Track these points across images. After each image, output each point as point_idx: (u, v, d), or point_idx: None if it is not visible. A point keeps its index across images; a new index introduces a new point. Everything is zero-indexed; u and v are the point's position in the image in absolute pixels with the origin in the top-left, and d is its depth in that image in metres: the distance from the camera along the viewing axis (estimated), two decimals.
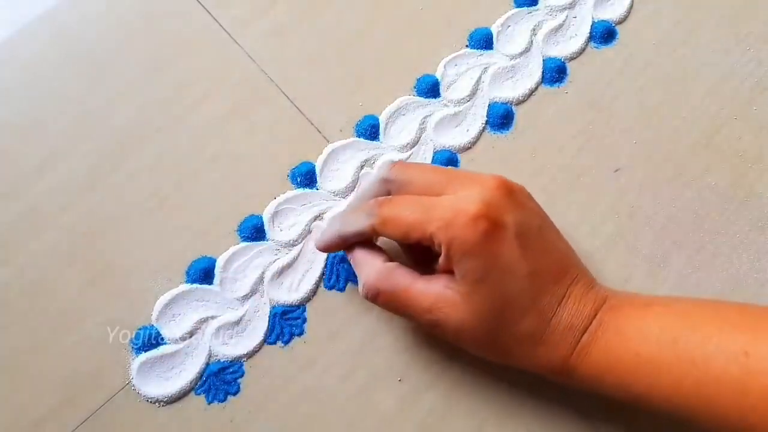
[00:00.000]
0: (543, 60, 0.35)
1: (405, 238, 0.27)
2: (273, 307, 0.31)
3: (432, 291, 0.27)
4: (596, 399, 0.27)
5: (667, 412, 0.25)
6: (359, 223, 0.28)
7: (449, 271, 0.26)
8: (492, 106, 0.34)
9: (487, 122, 0.34)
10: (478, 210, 0.25)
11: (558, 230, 0.29)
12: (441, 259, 0.26)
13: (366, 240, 0.29)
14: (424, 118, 0.34)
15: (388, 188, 0.29)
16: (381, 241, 0.30)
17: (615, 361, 0.26)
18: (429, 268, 0.28)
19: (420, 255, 0.29)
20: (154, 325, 0.30)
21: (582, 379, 0.26)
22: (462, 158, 0.34)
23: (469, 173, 0.28)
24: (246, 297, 0.31)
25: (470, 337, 0.27)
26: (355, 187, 0.33)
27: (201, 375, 0.30)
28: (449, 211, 0.26)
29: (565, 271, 0.27)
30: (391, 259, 0.29)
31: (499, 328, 0.26)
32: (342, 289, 0.32)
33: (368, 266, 0.28)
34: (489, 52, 0.35)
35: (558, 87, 0.35)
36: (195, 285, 0.31)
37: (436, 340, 0.31)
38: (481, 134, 0.34)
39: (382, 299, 0.28)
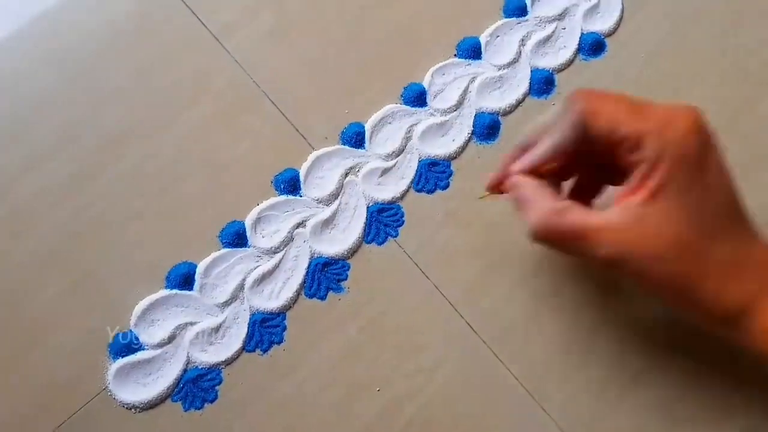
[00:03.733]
0: (531, 71, 0.35)
1: (609, 135, 0.25)
2: (253, 314, 0.31)
3: (613, 224, 0.25)
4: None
5: None
6: (566, 119, 0.25)
7: (640, 189, 0.25)
8: (478, 116, 0.34)
9: (473, 132, 0.34)
10: (695, 122, 0.24)
11: None
12: (637, 173, 0.24)
13: (534, 175, 0.27)
14: (411, 126, 0.34)
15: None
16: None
17: None
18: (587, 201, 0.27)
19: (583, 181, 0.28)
20: (133, 330, 0.30)
21: (762, 331, 0.25)
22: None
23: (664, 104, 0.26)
24: (226, 303, 0.31)
25: (657, 268, 0.25)
26: (338, 195, 0.33)
27: (178, 381, 0.30)
28: (665, 115, 0.24)
29: (744, 211, 0.26)
30: (559, 193, 0.27)
31: (692, 255, 0.24)
32: (323, 298, 0.31)
33: (538, 205, 0.26)
34: (477, 61, 0.35)
35: (545, 98, 0.35)
36: (175, 290, 0.31)
37: (416, 353, 0.31)
38: (467, 144, 0.34)
39: (553, 239, 0.26)
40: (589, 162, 0.28)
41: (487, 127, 0.34)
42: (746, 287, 0.25)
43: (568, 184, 0.29)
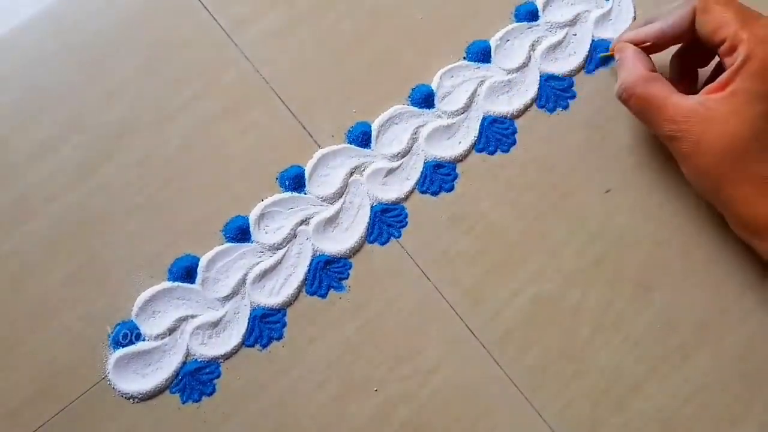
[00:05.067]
0: (540, 76, 0.35)
1: (711, 35, 0.28)
2: (253, 310, 0.31)
3: (685, 105, 0.28)
4: None
5: None
6: (679, 10, 0.30)
7: (723, 88, 0.28)
8: (486, 120, 0.34)
9: (479, 135, 0.34)
10: None
11: None
12: (726, 72, 0.28)
13: (641, 46, 0.31)
14: (417, 128, 0.34)
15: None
16: None
17: None
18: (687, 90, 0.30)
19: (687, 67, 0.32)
20: (134, 320, 0.30)
21: None
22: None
23: None
24: (227, 298, 0.31)
25: (703, 158, 0.28)
26: (343, 194, 0.33)
27: (177, 374, 0.30)
28: (766, 32, 0.27)
29: None
30: (655, 71, 0.30)
31: (736, 157, 0.27)
32: (324, 296, 0.32)
33: (632, 69, 0.30)
34: (486, 65, 0.35)
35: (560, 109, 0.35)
36: (177, 283, 0.31)
37: (419, 352, 0.31)
38: (473, 147, 0.34)
39: (634, 101, 0.30)
40: (695, 51, 0.32)
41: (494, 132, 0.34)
42: None
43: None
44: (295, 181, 0.33)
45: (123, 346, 0.30)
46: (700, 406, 0.31)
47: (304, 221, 0.32)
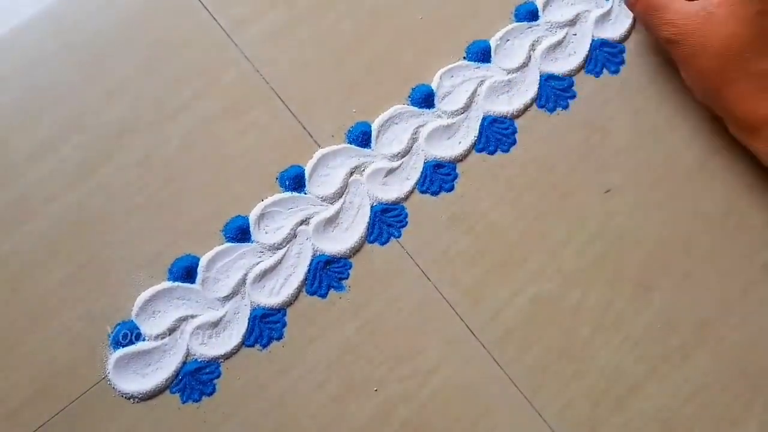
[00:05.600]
0: (540, 76, 0.35)
1: None
2: (253, 310, 0.31)
3: (689, 8, 0.29)
4: None
5: None
6: None
7: None
8: (486, 119, 0.34)
9: (479, 135, 0.34)
10: None
11: None
12: None
13: None
14: (417, 128, 0.34)
15: None
16: None
17: None
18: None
19: None
20: (134, 320, 0.30)
21: None
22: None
23: None
24: (227, 298, 0.31)
25: (702, 59, 0.29)
26: (343, 194, 0.33)
27: (177, 373, 0.30)
28: None
29: None
30: None
31: (734, 57, 0.28)
32: (324, 296, 0.32)
33: None
34: (486, 65, 0.35)
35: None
36: (177, 283, 0.31)
37: (420, 351, 0.31)
38: (473, 147, 0.34)
39: (639, 6, 0.32)
40: None
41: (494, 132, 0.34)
42: None
43: None
44: (295, 181, 0.33)
45: (123, 346, 0.30)
46: (700, 406, 0.31)
47: (304, 221, 0.32)
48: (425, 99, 0.34)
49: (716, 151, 0.34)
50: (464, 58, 0.35)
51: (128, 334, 0.30)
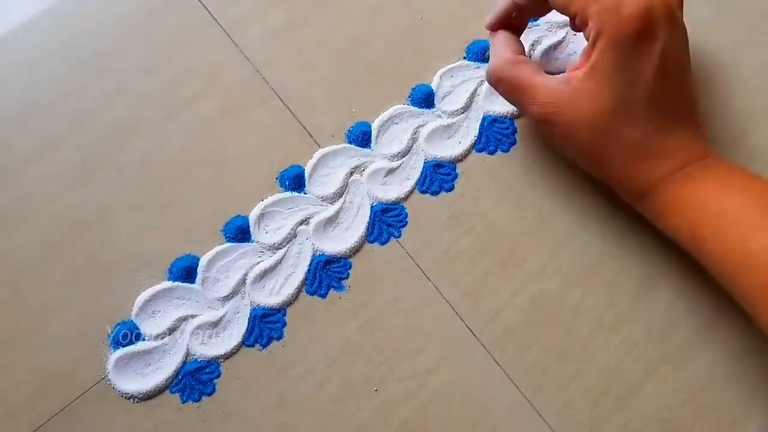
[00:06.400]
0: None
1: (564, 8, 0.28)
2: (253, 309, 0.31)
3: (551, 86, 0.28)
4: None
5: (720, 273, 0.27)
6: None
7: (584, 64, 0.28)
8: (486, 119, 0.34)
9: (479, 135, 0.34)
10: (640, 11, 0.26)
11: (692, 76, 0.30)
12: (585, 47, 0.28)
13: (511, 28, 0.32)
14: (417, 127, 0.34)
15: None
16: None
17: (699, 202, 0.27)
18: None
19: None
20: (134, 320, 0.30)
21: (662, 206, 0.28)
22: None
23: None
24: (227, 298, 0.31)
25: (576, 136, 0.28)
26: (343, 194, 0.33)
27: (177, 373, 0.30)
28: (617, 1, 0.27)
29: (686, 112, 0.29)
30: (523, 53, 0.31)
31: (606, 131, 0.28)
32: (324, 296, 0.32)
33: (498, 53, 0.31)
34: (487, 64, 0.35)
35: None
36: (177, 283, 0.31)
37: (419, 351, 0.31)
38: (473, 147, 0.34)
39: (502, 86, 0.30)
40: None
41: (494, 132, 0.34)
42: (651, 170, 0.28)
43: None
44: (295, 181, 0.33)
45: (123, 346, 0.30)
46: (700, 406, 0.31)
47: (304, 221, 0.32)
48: (425, 99, 0.34)
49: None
50: (464, 58, 0.35)
51: (128, 334, 0.30)
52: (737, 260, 0.26)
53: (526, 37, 0.36)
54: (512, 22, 0.32)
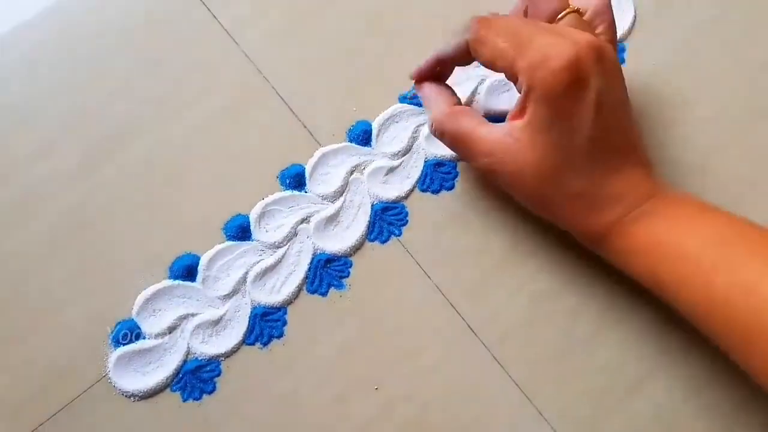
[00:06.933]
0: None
1: (491, 65, 0.28)
2: (254, 308, 0.31)
3: (493, 137, 0.28)
4: None
5: (687, 314, 0.26)
6: (455, 39, 0.29)
7: (521, 116, 0.27)
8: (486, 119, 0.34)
9: None
10: (568, 62, 0.26)
11: (632, 111, 0.29)
12: (519, 98, 0.27)
13: (438, 79, 0.31)
14: (418, 126, 0.34)
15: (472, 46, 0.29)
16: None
17: (655, 245, 0.27)
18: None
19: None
20: (134, 319, 0.30)
21: (618, 251, 0.28)
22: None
23: (563, 27, 0.28)
24: (228, 296, 0.31)
25: (521, 186, 0.28)
26: (343, 193, 0.33)
27: (178, 372, 0.30)
28: (540, 53, 0.26)
29: (630, 151, 0.28)
30: (460, 102, 0.31)
31: (550, 182, 0.27)
32: (324, 294, 0.32)
33: (438, 104, 0.30)
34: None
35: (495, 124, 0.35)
36: (177, 281, 0.31)
37: (415, 354, 0.31)
38: None
39: (447, 138, 0.30)
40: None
41: None
42: (601, 217, 0.28)
43: None
44: (296, 180, 0.33)
45: (123, 345, 0.30)
46: (700, 406, 0.31)
47: (305, 220, 0.32)
48: None
49: (717, 151, 0.34)
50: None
51: (129, 333, 0.30)
52: (703, 302, 0.25)
53: (468, 75, 0.35)
54: (439, 72, 0.32)
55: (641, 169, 0.28)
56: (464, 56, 0.30)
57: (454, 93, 0.31)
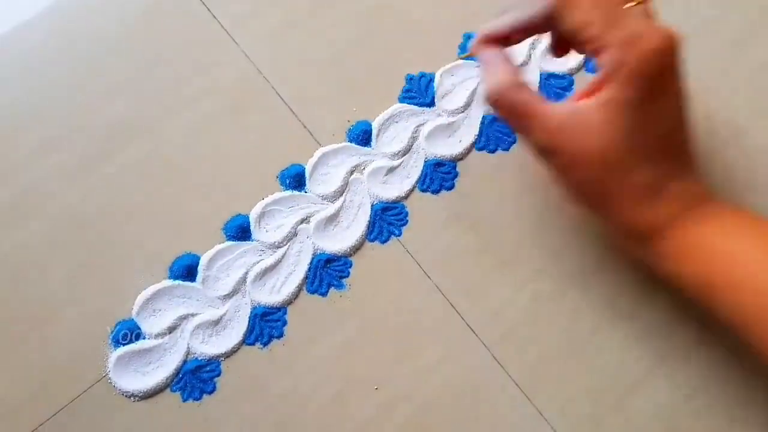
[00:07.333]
0: (540, 75, 0.35)
1: (577, 32, 0.25)
2: (254, 308, 0.31)
3: (560, 114, 0.25)
4: None
5: (734, 320, 0.25)
6: (535, 7, 0.26)
7: (591, 93, 0.25)
8: (486, 118, 0.34)
9: (480, 134, 0.34)
10: (665, 45, 0.24)
11: None
12: (598, 75, 0.25)
13: (497, 43, 0.28)
14: (418, 126, 0.34)
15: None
16: None
17: (708, 246, 0.26)
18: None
19: None
20: (134, 319, 0.30)
21: (665, 251, 0.26)
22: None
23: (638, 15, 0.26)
24: (228, 296, 0.31)
25: (582, 169, 0.26)
26: (343, 193, 0.33)
27: (178, 372, 0.30)
28: (636, 30, 0.24)
29: (693, 154, 0.27)
30: (519, 74, 0.28)
31: (616, 167, 0.25)
32: (324, 294, 0.32)
33: (500, 71, 0.27)
34: None
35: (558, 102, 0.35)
36: (177, 281, 0.31)
37: (419, 349, 0.31)
38: (473, 145, 0.34)
39: (504, 109, 0.27)
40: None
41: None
42: (658, 213, 0.26)
43: None
44: (296, 180, 0.33)
45: (123, 345, 0.30)
46: (700, 406, 0.31)
47: (305, 220, 0.32)
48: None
49: (717, 150, 0.34)
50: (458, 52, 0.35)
51: (129, 333, 0.30)
52: (751, 308, 0.24)
53: (526, 43, 0.35)
54: (506, 39, 0.29)
55: (698, 174, 0.27)
56: (539, 26, 0.27)
57: (515, 66, 0.28)
